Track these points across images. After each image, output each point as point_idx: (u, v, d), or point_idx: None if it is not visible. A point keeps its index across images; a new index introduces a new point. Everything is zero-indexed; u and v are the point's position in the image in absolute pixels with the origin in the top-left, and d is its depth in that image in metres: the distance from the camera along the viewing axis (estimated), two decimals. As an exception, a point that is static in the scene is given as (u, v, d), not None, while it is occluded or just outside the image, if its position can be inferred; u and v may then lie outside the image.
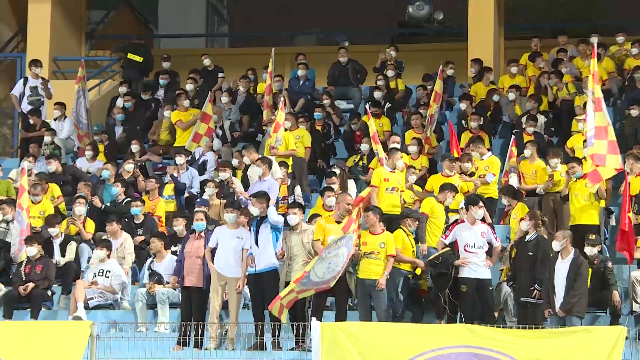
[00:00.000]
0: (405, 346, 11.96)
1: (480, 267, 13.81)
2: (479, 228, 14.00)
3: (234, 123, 20.59)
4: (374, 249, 14.07)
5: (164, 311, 14.88)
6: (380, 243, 14.09)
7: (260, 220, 14.26)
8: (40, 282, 15.26)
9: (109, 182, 18.04)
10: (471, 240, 13.89)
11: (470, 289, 13.70)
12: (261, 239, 14.07)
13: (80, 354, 11.77)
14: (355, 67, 21.92)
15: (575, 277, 13.30)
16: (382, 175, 16.16)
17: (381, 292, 13.94)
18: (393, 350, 11.95)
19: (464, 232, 13.97)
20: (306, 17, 33.64)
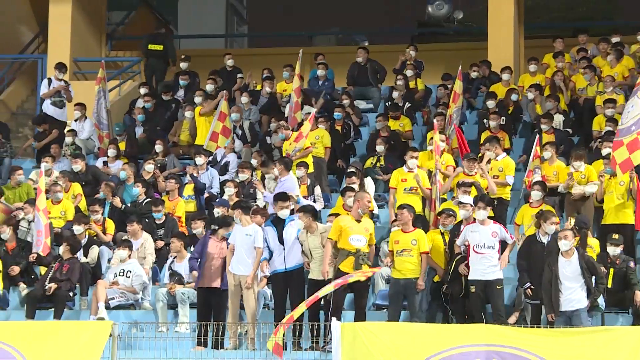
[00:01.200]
0: (425, 344, 11.94)
1: (489, 268, 13.65)
2: (490, 228, 13.86)
3: (253, 123, 20.62)
4: (405, 247, 14.07)
5: (184, 311, 14.92)
6: (412, 240, 14.09)
7: (278, 219, 14.27)
8: (63, 283, 15.34)
9: (128, 182, 18.11)
10: (481, 240, 13.77)
11: (478, 290, 13.62)
12: (286, 237, 14.12)
13: (99, 352, 11.81)
14: (375, 67, 21.91)
15: (593, 272, 13.29)
16: (400, 175, 16.20)
17: (419, 293, 13.93)
18: (413, 349, 11.92)
19: (473, 232, 13.87)
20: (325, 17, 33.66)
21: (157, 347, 13.24)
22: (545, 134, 18.16)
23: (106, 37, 25.35)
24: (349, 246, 13.82)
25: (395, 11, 32.67)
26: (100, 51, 24.73)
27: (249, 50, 31.20)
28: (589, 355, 11.93)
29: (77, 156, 19.05)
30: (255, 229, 14.28)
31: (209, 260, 14.44)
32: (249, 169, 17.61)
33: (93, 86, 21.32)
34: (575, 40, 22.37)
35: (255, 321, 13.97)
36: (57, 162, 19.45)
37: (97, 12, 24.67)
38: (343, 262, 13.79)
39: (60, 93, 21.07)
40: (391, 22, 32.23)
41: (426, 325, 13.18)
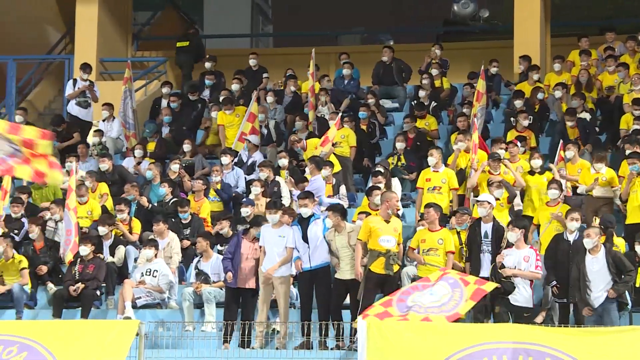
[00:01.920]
0: (451, 342, 11.88)
1: (522, 290, 13.47)
2: (523, 252, 13.67)
3: (279, 123, 20.64)
4: (432, 246, 14.05)
5: (210, 310, 14.96)
6: (439, 240, 14.07)
7: (304, 218, 14.29)
8: (90, 283, 15.42)
9: (154, 182, 18.18)
10: (513, 264, 13.57)
11: (503, 312, 13.35)
12: (311, 236, 14.14)
13: (125, 351, 11.87)
14: (400, 66, 21.88)
15: (620, 266, 13.21)
16: (425, 175, 16.20)
17: None
18: (439, 346, 11.86)
19: (507, 255, 13.68)
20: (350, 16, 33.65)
21: (184, 346, 13.29)
22: (569, 129, 18.08)
23: (132, 38, 25.46)
24: (379, 247, 13.82)
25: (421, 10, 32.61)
26: (126, 51, 24.83)
27: (274, 50, 31.23)
28: (616, 354, 11.84)
29: (104, 155, 19.15)
30: (288, 229, 14.30)
31: (242, 260, 14.47)
32: (269, 168, 17.62)
33: (119, 86, 21.42)
34: (602, 38, 22.24)
35: (286, 320, 13.98)
36: (84, 162, 19.55)
37: (123, 12, 24.77)
38: (374, 262, 13.79)
39: (85, 93, 21.18)
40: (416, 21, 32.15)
41: (452, 323, 13.13)
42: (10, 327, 11.89)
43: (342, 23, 33.46)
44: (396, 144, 18.49)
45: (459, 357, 11.67)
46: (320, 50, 21.44)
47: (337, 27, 32.63)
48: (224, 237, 16.14)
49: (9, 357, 11.23)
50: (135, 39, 25.72)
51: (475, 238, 14.31)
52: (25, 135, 11.65)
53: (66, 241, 16.27)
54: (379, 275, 13.77)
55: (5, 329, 11.69)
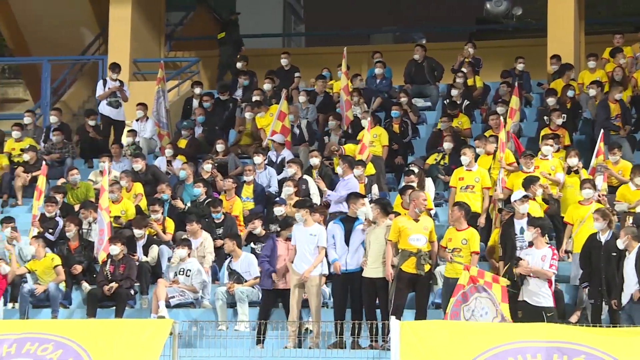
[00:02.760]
0: (485, 339, 11.82)
1: (542, 292, 13.36)
2: (541, 252, 13.56)
3: (311, 122, 20.65)
4: (456, 246, 14.01)
5: (243, 310, 14.99)
6: (463, 240, 14.02)
7: (348, 218, 14.28)
8: (124, 282, 15.51)
9: (187, 182, 18.25)
10: (531, 264, 13.46)
11: (527, 316, 13.17)
12: (353, 238, 14.14)
13: (158, 350, 11.92)
14: (432, 65, 21.82)
15: None
16: (458, 174, 16.13)
17: None
18: (472, 345, 11.81)
19: (527, 255, 13.60)
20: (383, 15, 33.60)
21: (217, 345, 13.33)
22: (612, 104, 17.98)
23: (165, 38, 25.57)
24: (409, 246, 13.79)
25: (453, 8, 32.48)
26: (159, 52, 24.95)
27: (306, 50, 31.25)
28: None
29: (137, 155, 19.25)
30: (319, 228, 14.30)
31: (280, 262, 14.48)
32: (297, 165, 17.62)
33: (153, 86, 21.52)
34: (637, 35, 22.05)
35: (319, 320, 13.99)
36: (118, 162, 19.67)
37: (156, 13, 24.89)
38: (405, 262, 13.76)
39: (115, 93, 21.31)
40: (449, 19, 32.04)
41: (486, 323, 13.08)
42: (45, 325, 11.99)
43: (374, 22, 33.42)
44: (444, 144, 18.41)
45: (492, 354, 11.60)
46: (352, 49, 21.40)
47: (369, 26, 32.62)
48: (256, 236, 16.16)
49: (45, 355, 11.34)
50: (167, 39, 25.83)
51: (509, 235, 14.23)
52: None
53: (99, 241, 16.37)
54: (410, 275, 13.74)
55: (41, 327, 11.79)
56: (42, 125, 22.26)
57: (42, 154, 20.34)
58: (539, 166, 16.47)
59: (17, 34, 26.37)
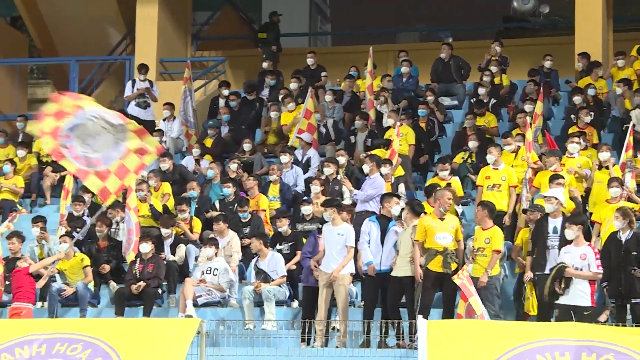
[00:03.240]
0: (514, 337, 11.75)
1: (578, 292, 13.17)
2: (580, 250, 13.34)
3: (337, 121, 20.64)
4: (480, 245, 13.98)
5: (270, 309, 15.00)
6: (486, 239, 13.97)
7: (383, 218, 14.26)
8: (152, 281, 15.57)
9: (214, 181, 18.28)
10: (571, 262, 13.26)
11: (564, 316, 13.07)
12: (388, 238, 14.14)
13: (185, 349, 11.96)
14: (459, 63, 21.76)
15: None
16: (485, 173, 16.08)
17: (487, 290, 13.80)
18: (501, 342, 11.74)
19: (566, 253, 13.39)
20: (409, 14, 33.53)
21: (244, 344, 13.35)
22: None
23: (191, 38, 25.65)
24: (435, 245, 13.77)
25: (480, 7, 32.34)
26: (185, 51, 25.03)
27: (332, 49, 31.22)
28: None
29: (164, 155, 19.30)
30: (347, 228, 14.29)
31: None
32: (335, 164, 17.62)
33: (179, 86, 21.59)
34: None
35: (346, 319, 13.99)
36: (145, 162, 19.73)
37: (182, 12, 24.97)
38: (431, 261, 13.74)
39: (143, 94, 21.38)
40: (476, 18, 31.91)
41: (514, 322, 13.04)
42: (74, 325, 12.05)
43: (401, 20, 33.35)
44: (469, 143, 18.36)
45: (520, 351, 11.54)
46: (379, 48, 21.39)
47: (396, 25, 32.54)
48: (283, 235, 16.18)
49: (74, 355, 11.41)
50: (194, 39, 25.91)
51: (541, 233, 14.14)
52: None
53: (128, 240, 16.43)
54: (437, 274, 13.72)
55: (70, 327, 11.86)
56: (70, 125, 22.34)
57: (70, 153, 20.43)
58: (565, 164, 16.38)
59: (45, 34, 26.54)
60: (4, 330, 11.73)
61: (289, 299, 15.53)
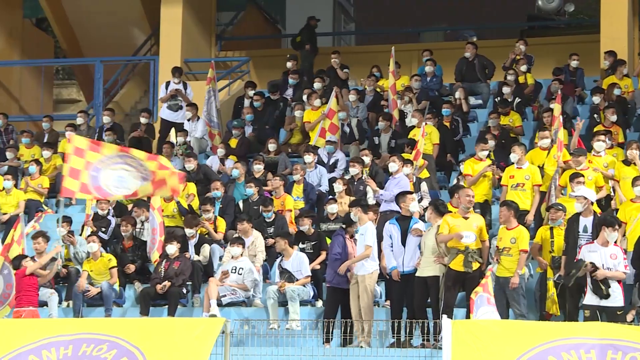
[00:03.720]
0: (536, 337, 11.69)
1: (611, 293, 13.06)
2: (609, 250, 13.23)
3: (361, 121, 20.63)
4: (506, 245, 13.93)
5: (294, 308, 15.01)
6: (512, 239, 13.92)
7: (403, 218, 14.24)
8: (176, 280, 15.61)
9: (239, 180, 18.32)
10: (599, 262, 13.16)
11: (593, 316, 12.95)
12: (409, 239, 14.13)
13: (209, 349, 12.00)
14: (483, 62, 21.69)
15: None
16: (509, 172, 16.03)
17: (514, 291, 13.76)
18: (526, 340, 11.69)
19: (591, 252, 13.28)
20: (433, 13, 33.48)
21: (269, 343, 13.37)
22: None
23: (216, 38, 25.71)
24: (458, 244, 13.73)
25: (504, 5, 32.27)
26: (209, 52, 25.09)
27: (356, 48, 31.22)
28: None
29: (189, 155, 19.37)
30: (366, 227, 14.29)
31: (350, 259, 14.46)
32: (360, 164, 17.61)
33: (203, 86, 21.65)
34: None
35: (370, 318, 13.98)
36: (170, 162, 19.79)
37: (206, 13, 25.04)
38: (453, 260, 13.71)
39: (175, 96, 21.46)
40: (500, 16, 31.83)
41: (539, 322, 12.98)
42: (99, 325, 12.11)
43: (425, 20, 33.31)
44: (488, 142, 18.27)
45: (545, 348, 11.48)
46: (403, 47, 21.36)
47: (420, 24, 32.49)
48: (305, 234, 16.19)
49: (100, 354, 11.47)
50: (218, 39, 25.97)
51: (572, 232, 14.08)
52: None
53: (152, 240, 16.49)
54: (458, 273, 13.69)
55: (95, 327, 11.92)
56: (94, 125, 22.48)
57: (95, 154, 20.52)
58: (592, 162, 16.29)
59: (70, 35, 26.69)
60: (30, 331, 11.80)
61: (313, 298, 15.54)
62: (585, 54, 21.73)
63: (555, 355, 11.19)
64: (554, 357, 11.18)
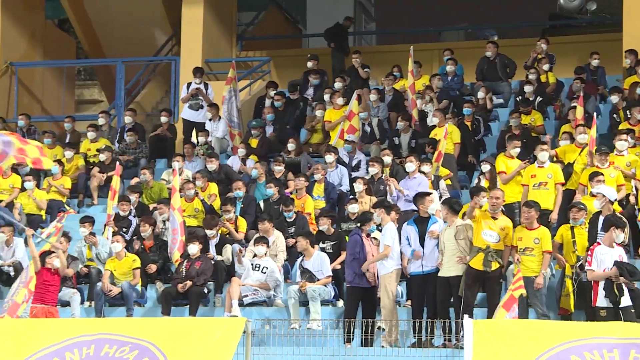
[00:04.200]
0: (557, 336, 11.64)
1: (621, 293, 12.95)
2: (616, 251, 13.19)
3: (382, 120, 20.61)
4: (528, 245, 13.86)
5: (315, 308, 15.01)
6: (535, 239, 13.86)
7: (421, 219, 14.24)
8: (197, 279, 15.64)
9: (259, 180, 18.34)
10: (610, 263, 13.09)
11: (608, 317, 12.87)
12: (428, 239, 14.12)
13: (232, 349, 12.01)
14: (504, 62, 21.63)
15: None
16: (530, 172, 15.94)
17: (537, 291, 13.71)
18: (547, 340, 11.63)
19: (602, 254, 13.17)
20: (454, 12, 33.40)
21: (290, 343, 13.38)
22: None
23: (236, 38, 25.75)
24: (480, 242, 13.71)
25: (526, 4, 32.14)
26: (230, 52, 25.13)
27: (377, 48, 31.16)
28: None
29: (211, 155, 19.41)
30: (386, 227, 14.28)
31: (369, 258, 14.45)
32: (380, 163, 17.59)
33: (223, 86, 21.67)
34: None
35: (391, 318, 13.96)
36: (190, 162, 19.85)
37: (227, 13, 25.08)
38: (474, 258, 13.68)
39: (196, 96, 21.51)
40: (522, 15, 31.71)
41: (560, 321, 12.93)
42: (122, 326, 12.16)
43: (446, 19, 33.24)
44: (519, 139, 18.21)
45: (567, 347, 11.43)
46: (423, 47, 21.31)
47: (441, 23, 32.42)
48: (325, 234, 16.18)
49: (122, 356, 11.54)
50: (239, 39, 26.00)
51: (593, 230, 14.01)
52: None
53: (173, 240, 16.52)
54: (478, 272, 13.66)
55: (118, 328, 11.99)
56: (116, 126, 22.57)
57: (117, 154, 20.62)
58: (614, 162, 16.21)
59: (91, 36, 26.81)
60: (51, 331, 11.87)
61: (334, 298, 15.54)
62: (607, 53, 21.62)
63: (578, 355, 11.15)
64: (576, 356, 11.14)
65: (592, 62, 21.19)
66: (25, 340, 11.75)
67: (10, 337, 11.85)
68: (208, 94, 21.58)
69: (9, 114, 23.23)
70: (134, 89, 25.23)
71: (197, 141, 20.68)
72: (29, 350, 11.64)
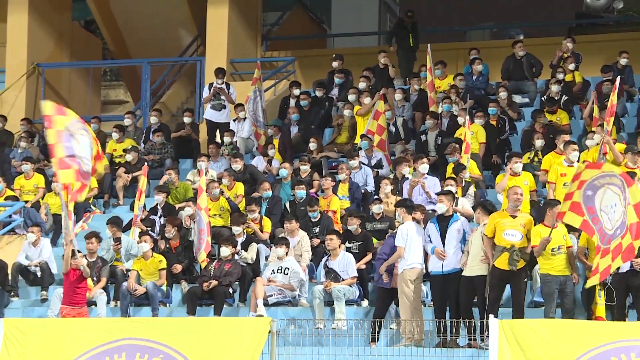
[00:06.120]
0: (587, 339, 11.56)
1: None
2: None
3: (407, 120, 20.56)
4: (560, 243, 13.74)
5: (340, 308, 15.00)
6: (563, 236, 13.78)
7: (442, 217, 14.20)
8: (223, 279, 15.66)
9: (285, 180, 18.34)
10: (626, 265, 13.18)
11: None
12: (448, 239, 14.06)
13: (259, 349, 12.03)
14: (530, 61, 21.53)
15: None
16: (559, 170, 15.84)
17: (569, 286, 13.63)
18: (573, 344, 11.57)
19: None
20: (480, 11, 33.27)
21: (315, 343, 13.38)
22: None
23: (261, 38, 25.78)
24: (503, 242, 13.65)
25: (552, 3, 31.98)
26: (255, 52, 25.16)
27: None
28: None
29: (236, 155, 19.44)
30: (401, 228, 14.27)
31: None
32: (407, 164, 17.54)
33: (248, 86, 21.71)
34: None
35: (410, 317, 13.93)
36: (215, 162, 19.88)
37: (252, 13, 25.11)
38: (498, 258, 13.62)
39: (218, 96, 21.54)
40: (547, 14, 31.56)
41: (587, 322, 12.85)
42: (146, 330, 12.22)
43: (472, 18, 33.12)
44: (535, 141, 18.13)
45: (596, 353, 11.36)
46: (449, 46, 21.23)
47: (466, 23, 32.31)
48: (352, 234, 16.16)
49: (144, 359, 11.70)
50: (264, 39, 26.03)
51: None
52: None
53: (199, 240, 16.54)
54: (502, 271, 13.58)
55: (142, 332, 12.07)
56: (142, 126, 22.65)
57: (142, 154, 20.69)
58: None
59: (117, 36, 26.93)
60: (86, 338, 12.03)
61: (359, 298, 15.52)
62: (635, 51, 21.47)
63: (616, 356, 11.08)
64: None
65: (621, 60, 21.04)
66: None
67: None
68: (230, 93, 21.60)
69: (36, 115, 23.36)
70: (159, 89, 25.31)
71: (222, 141, 20.71)
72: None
